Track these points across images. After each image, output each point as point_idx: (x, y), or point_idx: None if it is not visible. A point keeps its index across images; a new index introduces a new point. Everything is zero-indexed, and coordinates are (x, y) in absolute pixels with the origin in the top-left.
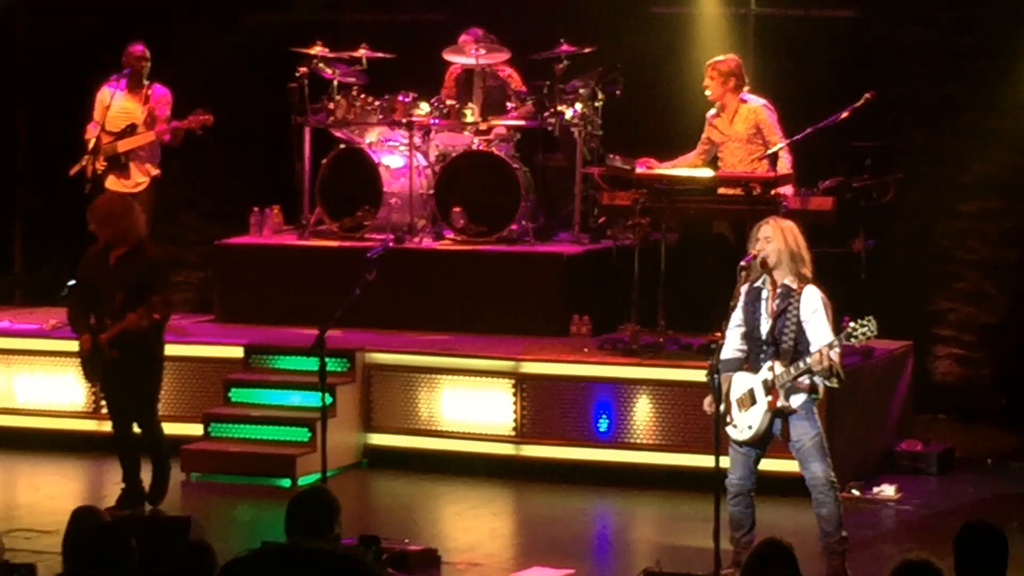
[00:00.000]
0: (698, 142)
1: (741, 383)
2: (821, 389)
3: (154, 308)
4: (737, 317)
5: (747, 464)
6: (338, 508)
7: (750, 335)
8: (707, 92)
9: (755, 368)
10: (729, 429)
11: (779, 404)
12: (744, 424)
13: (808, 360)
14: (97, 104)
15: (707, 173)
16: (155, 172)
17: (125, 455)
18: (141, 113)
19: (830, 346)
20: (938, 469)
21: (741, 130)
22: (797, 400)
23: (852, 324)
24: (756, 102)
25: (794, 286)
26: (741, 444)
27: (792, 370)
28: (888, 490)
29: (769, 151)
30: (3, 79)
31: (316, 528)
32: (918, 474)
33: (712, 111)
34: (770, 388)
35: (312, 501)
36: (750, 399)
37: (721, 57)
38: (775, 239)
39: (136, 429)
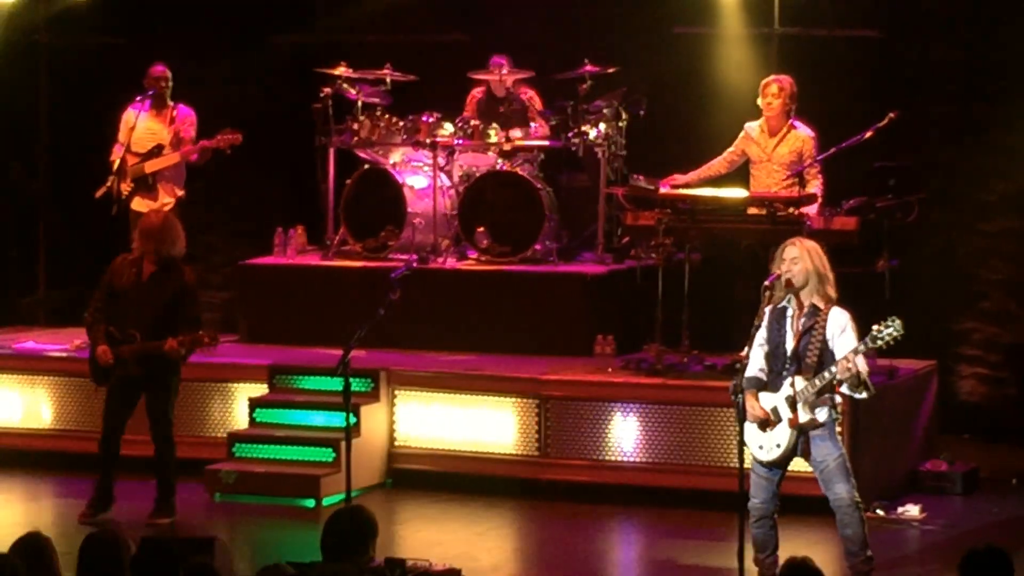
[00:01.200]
0: (727, 150)
1: (764, 402)
2: (840, 407)
3: (196, 342)
4: (760, 336)
5: (769, 487)
6: (374, 529)
7: (773, 354)
8: (768, 108)
9: (776, 388)
10: (755, 451)
11: (801, 420)
12: (771, 443)
13: (833, 369)
14: (122, 126)
15: (732, 194)
16: (180, 193)
17: (107, 466)
18: (167, 134)
19: (855, 352)
20: (963, 489)
21: (784, 154)
22: (821, 415)
23: (876, 327)
24: (805, 131)
25: (821, 306)
26: (769, 465)
27: (817, 382)
28: (913, 510)
29: (800, 168)
30: (26, 99)
31: (349, 547)
32: (943, 494)
33: (754, 125)
34: (792, 404)
35: (348, 520)
36: (775, 417)
37: (781, 76)
38: (801, 259)
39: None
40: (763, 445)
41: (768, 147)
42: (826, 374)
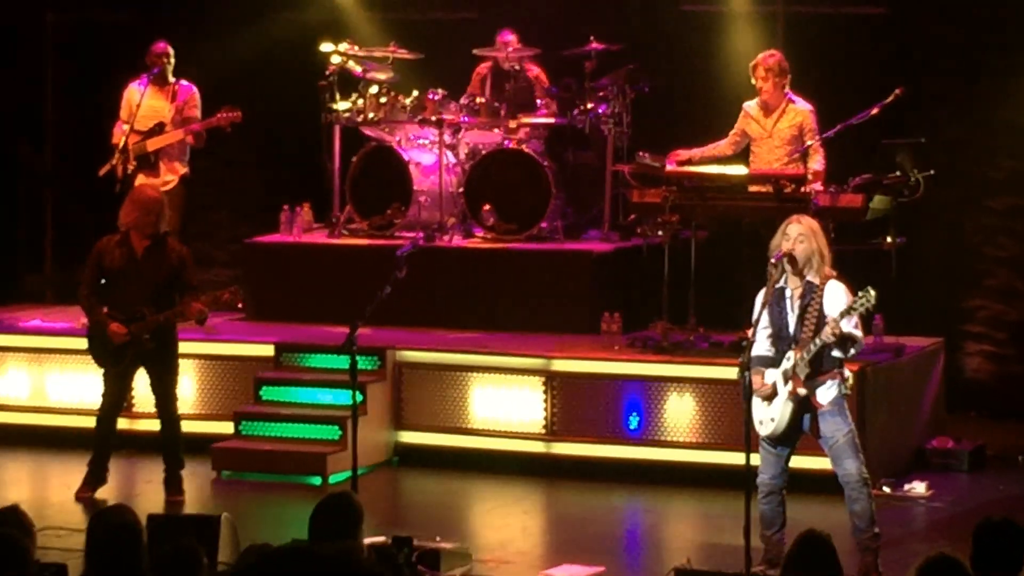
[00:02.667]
0: (730, 132)
1: (766, 379)
2: (850, 380)
3: (217, 300)
4: (764, 320)
5: (778, 463)
6: (362, 515)
7: (777, 335)
8: (761, 90)
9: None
10: (756, 426)
11: (800, 390)
12: (767, 417)
13: (820, 337)
14: (124, 103)
15: (738, 170)
16: (184, 170)
17: (104, 444)
18: (169, 111)
19: (837, 318)
20: (969, 467)
21: (784, 129)
22: (827, 395)
23: (852, 299)
24: (804, 105)
25: (816, 282)
26: (767, 440)
27: (805, 354)
28: (919, 488)
29: (804, 146)
30: (31, 77)
31: (339, 534)
32: (949, 472)
33: (752, 104)
34: (789, 376)
35: (337, 506)
36: (772, 391)
37: (769, 53)
38: (807, 239)
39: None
40: (762, 420)
41: (768, 124)
42: (815, 342)
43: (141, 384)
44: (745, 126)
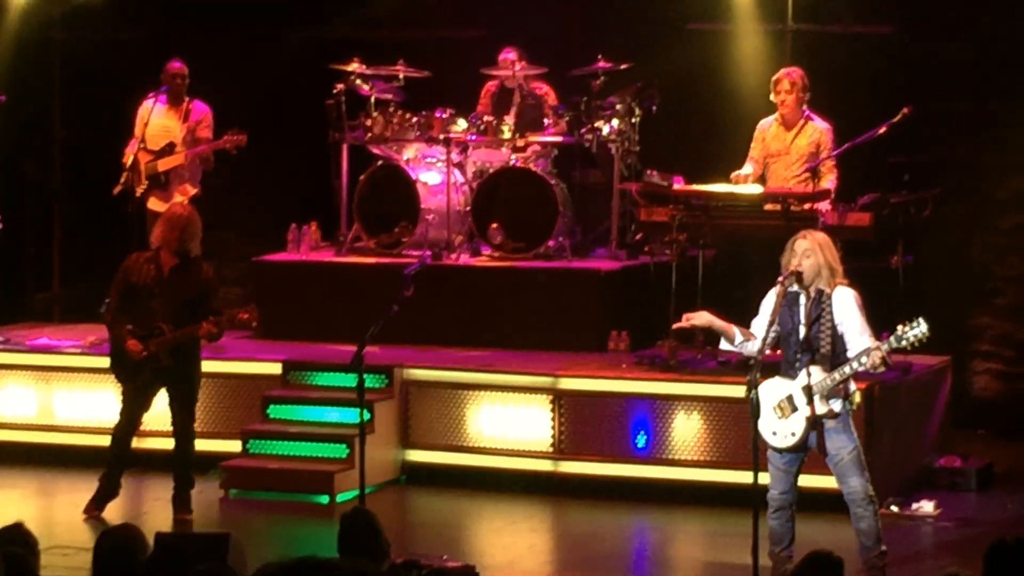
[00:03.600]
0: (748, 158)
1: (778, 389)
2: (857, 398)
3: (222, 324)
4: (766, 313)
5: (787, 479)
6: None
7: (786, 340)
8: (783, 104)
9: (789, 374)
10: (769, 437)
11: (818, 411)
12: (787, 431)
13: (855, 365)
14: (137, 120)
15: (746, 189)
16: (194, 191)
17: (116, 461)
18: (180, 131)
19: (879, 350)
20: (977, 485)
21: (803, 146)
22: (835, 406)
23: (901, 327)
24: (822, 124)
25: (827, 289)
26: (781, 452)
27: (836, 375)
28: (927, 506)
29: (817, 162)
30: (41, 94)
31: (368, 548)
32: (957, 490)
33: (768, 120)
34: (809, 394)
35: (364, 521)
36: (790, 406)
37: (792, 68)
38: (813, 253)
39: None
40: (777, 432)
41: (786, 140)
42: (846, 369)
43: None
44: (762, 144)
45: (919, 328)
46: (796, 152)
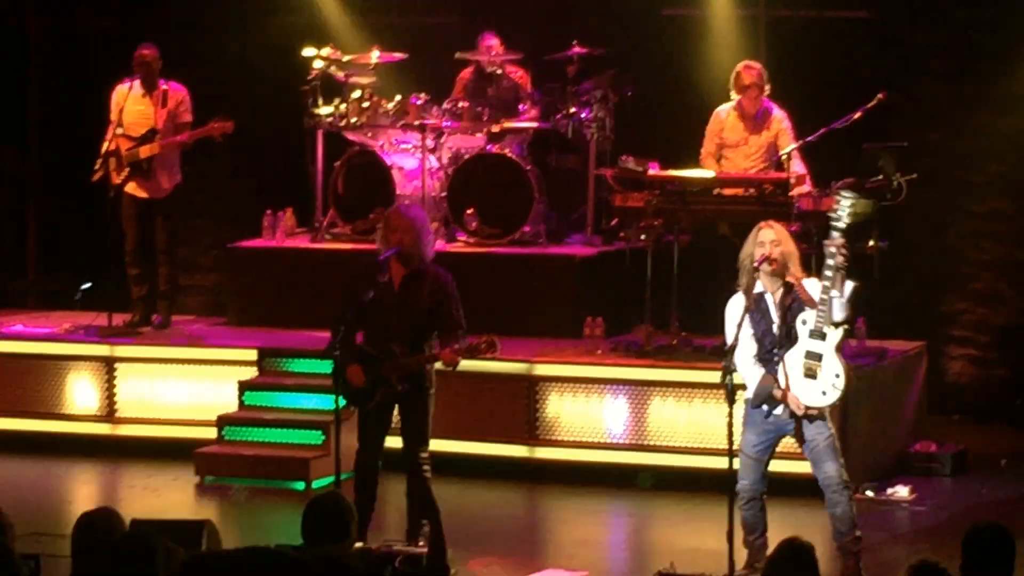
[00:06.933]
0: (704, 152)
1: (795, 361)
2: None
3: (473, 350)
4: (747, 326)
5: (758, 469)
6: (353, 513)
7: (762, 340)
8: (747, 98)
9: (771, 370)
10: (819, 399)
11: (837, 334)
12: (829, 380)
13: (829, 261)
14: (113, 105)
15: (705, 174)
16: (178, 178)
17: (360, 496)
18: (159, 116)
19: (840, 240)
20: (952, 470)
21: (763, 137)
22: (834, 335)
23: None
24: (779, 113)
25: (793, 282)
26: (840, 398)
27: (824, 291)
28: (902, 491)
29: (783, 151)
30: (14, 81)
31: (332, 532)
32: (932, 475)
33: (726, 108)
34: (840, 321)
35: (329, 506)
36: (815, 360)
37: (749, 64)
38: (783, 242)
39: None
40: (826, 391)
41: (745, 130)
42: (827, 272)
43: (125, 389)
44: (718, 133)
45: (844, 202)
46: (755, 144)
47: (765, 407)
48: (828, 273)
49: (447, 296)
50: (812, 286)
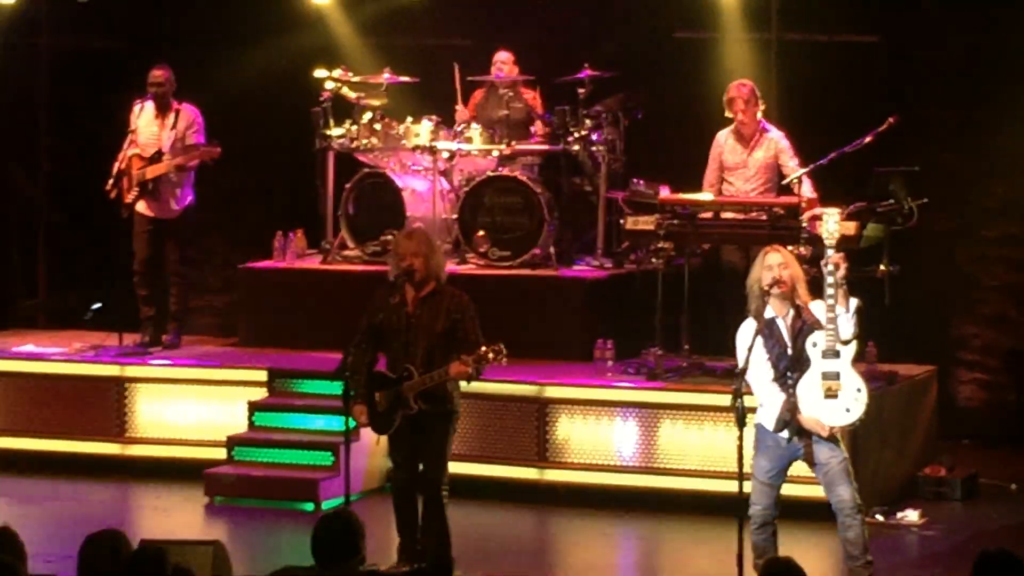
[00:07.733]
0: (705, 182)
1: (811, 383)
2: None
3: (481, 360)
4: (760, 350)
5: (771, 494)
6: (363, 530)
7: (776, 364)
8: (739, 121)
9: (788, 393)
10: (843, 417)
11: (843, 337)
12: (851, 397)
13: (829, 279)
14: (132, 119)
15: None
16: (190, 198)
17: (401, 518)
18: (168, 138)
19: (836, 257)
20: (962, 495)
21: (761, 159)
22: (847, 351)
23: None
24: (777, 133)
25: (801, 305)
26: (862, 419)
27: (828, 307)
28: (912, 516)
29: (793, 176)
30: (26, 101)
31: (342, 550)
32: (942, 500)
33: (724, 135)
34: (851, 338)
35: (338, 524)
36: (833, 378)
37: (741, 83)
38: (790, 265)
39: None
40: (850, 408)
41: (743, 154)
42: (829, 290)
43: (135, 409)
44: (719, 157)
45: (829, 219)
46: (754, 165)
47: (786, 432)
48: (830, 291)
49: (464, 315)
50: (818, 308)
